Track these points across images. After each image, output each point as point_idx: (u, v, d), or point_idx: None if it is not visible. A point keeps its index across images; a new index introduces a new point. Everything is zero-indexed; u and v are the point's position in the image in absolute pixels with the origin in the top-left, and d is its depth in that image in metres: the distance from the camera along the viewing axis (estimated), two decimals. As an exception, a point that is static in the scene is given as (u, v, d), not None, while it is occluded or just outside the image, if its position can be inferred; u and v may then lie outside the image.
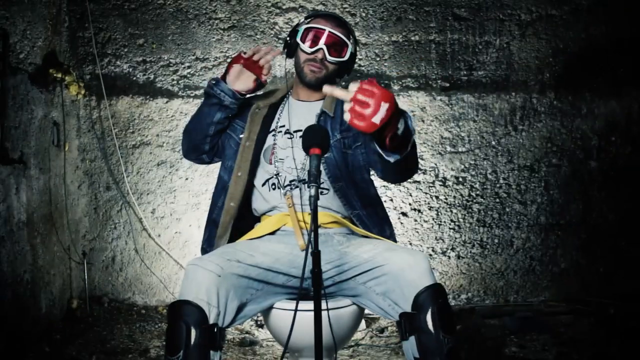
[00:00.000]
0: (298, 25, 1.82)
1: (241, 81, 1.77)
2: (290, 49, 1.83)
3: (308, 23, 1.79)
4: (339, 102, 1.81)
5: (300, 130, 1.76)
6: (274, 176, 1.76)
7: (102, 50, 2.93)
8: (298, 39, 1.78)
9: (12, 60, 2.31)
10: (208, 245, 1.82)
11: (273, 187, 1.76)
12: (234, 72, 1.76)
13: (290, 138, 1.79)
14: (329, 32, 1.74)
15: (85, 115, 2.95)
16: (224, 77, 1.77)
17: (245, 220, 1.82)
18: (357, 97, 1.23)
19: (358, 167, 1.79)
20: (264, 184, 1.78)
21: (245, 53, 1.78)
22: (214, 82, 1.77)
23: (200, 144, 1.84)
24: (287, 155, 1.77)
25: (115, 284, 2.99)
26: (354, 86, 1.26)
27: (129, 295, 2.99)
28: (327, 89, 1.32)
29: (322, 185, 1.74)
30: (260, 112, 1.83)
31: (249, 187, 1.79)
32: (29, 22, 2.44)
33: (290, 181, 1.74)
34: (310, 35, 1.76)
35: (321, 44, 1.74)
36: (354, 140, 1.80)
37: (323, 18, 1.80)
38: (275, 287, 1.65)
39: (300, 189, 1.74)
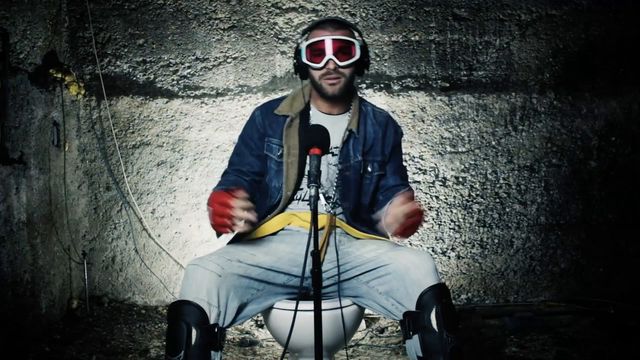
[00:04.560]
0: (299, 44, 1.76)
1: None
2: (302, 71, 1.77)
3: (307, 39, 1.73)
4: (363, 122, 1.79)
5: (337, 147, 1.76)
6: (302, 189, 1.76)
7: (102, 50, 2.93)
8: (304, 60, 1.72)
9: (12, 60, 2.31)
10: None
11: (300, 198, 1.76)
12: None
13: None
14: (331, 39, 1.67)
15: (85, 115, 2.95)
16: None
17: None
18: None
19: (370, 191, 1.78)
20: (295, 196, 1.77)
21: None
22: None
23: None
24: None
25: (115, 284, 2.99)
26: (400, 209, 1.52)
27: (129, 295, 2.99)
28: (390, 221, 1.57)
29: (328, 194, 1.74)
30: (293, 124, 1.76)
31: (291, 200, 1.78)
32: (29, 22, 2.44)
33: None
34: (314, 51, 1.69)
35: (328, 54, 1.67)
36: (379, 168, 1.78)
37: (319, 27, 1.72)
38: (276, 287, 1.65)
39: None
